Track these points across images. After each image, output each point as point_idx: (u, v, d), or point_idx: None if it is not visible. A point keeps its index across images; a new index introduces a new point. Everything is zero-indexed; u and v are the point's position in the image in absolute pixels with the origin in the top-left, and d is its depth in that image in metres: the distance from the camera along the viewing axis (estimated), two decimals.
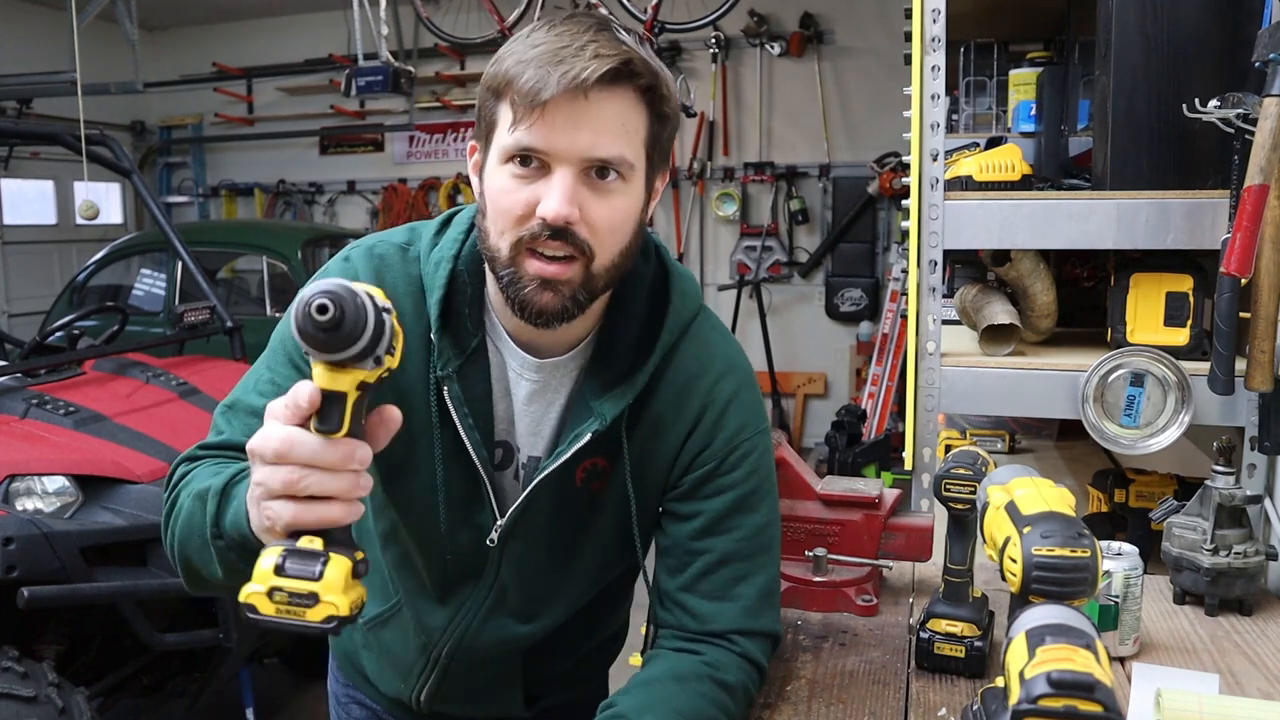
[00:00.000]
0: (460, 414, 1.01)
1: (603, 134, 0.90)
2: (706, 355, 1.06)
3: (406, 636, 1.16)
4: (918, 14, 1.55)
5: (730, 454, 1.05)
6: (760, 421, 1.09)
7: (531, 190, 0.91)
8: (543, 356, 1.04)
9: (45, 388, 2.84)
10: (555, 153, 0.90)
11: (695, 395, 1.05)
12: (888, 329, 5.38)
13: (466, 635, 1.12)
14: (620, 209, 0.94)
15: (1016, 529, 0.93)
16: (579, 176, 0.91)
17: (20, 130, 4.03)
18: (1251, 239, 1.28)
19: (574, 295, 0.94)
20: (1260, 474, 1.44)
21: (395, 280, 1.03)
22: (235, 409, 1.03)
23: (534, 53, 0.89)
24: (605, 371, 1.03)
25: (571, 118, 0.89)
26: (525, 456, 1.08)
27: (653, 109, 0.94)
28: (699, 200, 6.74)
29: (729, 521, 1.05)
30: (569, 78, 0.87)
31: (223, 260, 5.51)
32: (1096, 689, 0.72)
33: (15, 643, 2.26)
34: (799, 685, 1.16)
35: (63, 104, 4.15)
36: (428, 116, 7.01)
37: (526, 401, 1.06)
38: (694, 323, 1.07)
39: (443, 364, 1.01)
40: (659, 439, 1.05)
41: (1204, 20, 1.49)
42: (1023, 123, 2.30)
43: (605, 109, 0.90)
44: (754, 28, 6.33)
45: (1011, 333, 1.60)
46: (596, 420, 1.01)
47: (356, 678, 1.28)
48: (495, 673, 1.17)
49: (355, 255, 1.05)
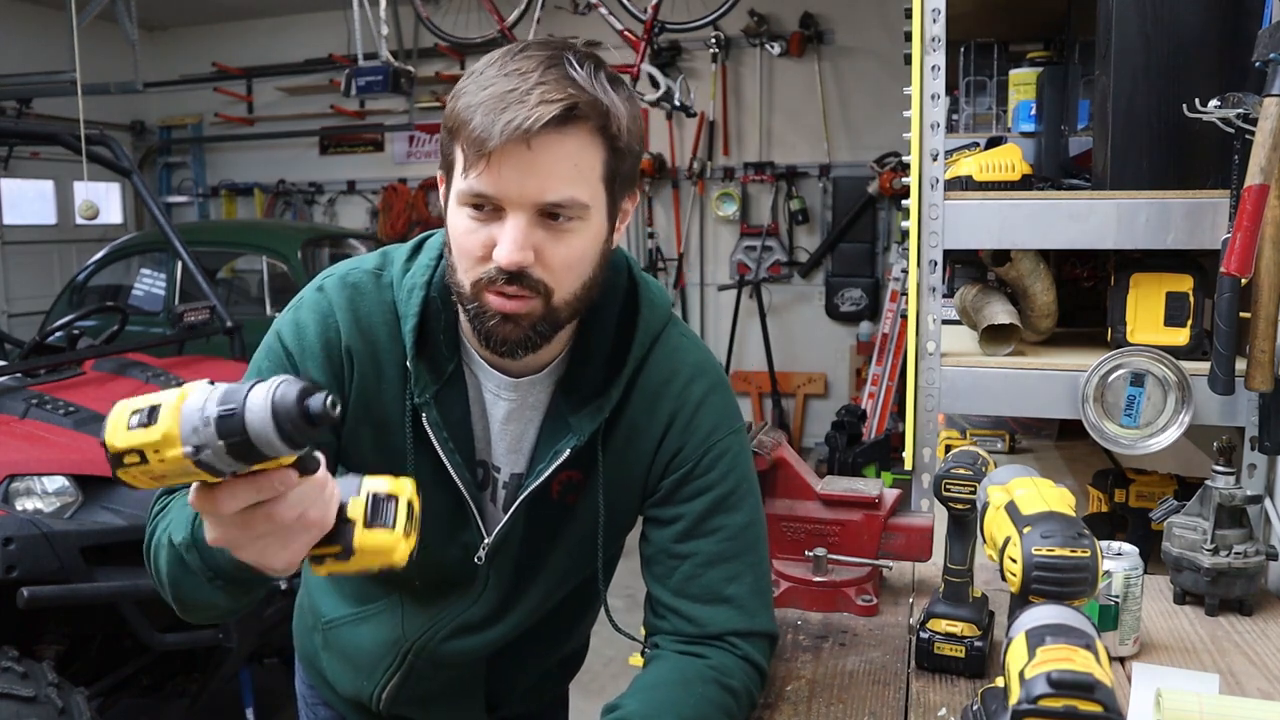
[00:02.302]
0: (440, 439, 1.02)
1: (551, 178, 0.90)
2: (676, 360, 1.07)
3: (372, 634, 1.16)
4: (918, 14, 1.55)
5: (705, 455, 1.05)
6: (734, 422, 1.09)
7: (488, 233, 0.92)
8: (518, 376, 1.05)
9: (45, 388, 2.84)
10: (505, 199, 0.90)
11: (666, 399, 1.06)
12: (888, 329, 5.38)
13: (436, 638, 1.13)
14: (577, 247, 0.94)
15: (1016, 529, 0.93)
16: (532, 220, 0.91)
17: (20, 130, 4.04)
18: (1251, 239, 1.28)
19: (534, 327, 0.95)
20: (1260, 474, 1.44)
21: (370, 309, 1.03)
22: None
23: (482, 96, 0.88)
24: (579, 388, 1.04)
25: (518, 166, 0.88)
26: (507, 475, 1.08)
27: (608, 144, 0.93)
28: (699, 200, 6.73)
29: (710, 523, 1.05)
30: (512, 127, 0.86)
31: (223, 260, 5.51)
32: (1096, 689, 0.72)
33: (15, 643, 2.26)
34: (799, 685, 1.16)
35: (63, 104, 4.15)
36: (428, 116, 7.01)
37: (504, 421, 1.06)
38: (663, 332, 1.08)
39: (419, 390, 1.01)
40: (633, 446, 1.06)
41: (1204, 20, 1.49)
42: (1023, 123, 2.30)
43: (554, 153, 0.89)
44: (754, 28, 6.33)
45: (1011, 333, 1.60)
46: (574, 436, 1.02)
47: (317, 680, 1.28)
48: (458, 677, 1.17)
49: (329, 285, 1.05)
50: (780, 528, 1.39)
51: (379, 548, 0.76)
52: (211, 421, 0.66)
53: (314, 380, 0.83)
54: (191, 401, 0.67)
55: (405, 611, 1.14)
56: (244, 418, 0.66)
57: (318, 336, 1.01)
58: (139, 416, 0.68)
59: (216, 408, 0.66)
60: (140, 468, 0.68)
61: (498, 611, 1.12)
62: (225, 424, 0.66)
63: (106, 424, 0.69)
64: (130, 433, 0.68)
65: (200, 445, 0.66)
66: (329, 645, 1.22)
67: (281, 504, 0.72)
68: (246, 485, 0.70)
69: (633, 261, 1.10)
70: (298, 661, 1.35)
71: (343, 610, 1.19)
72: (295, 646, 1.34)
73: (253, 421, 0.66)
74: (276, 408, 0.66)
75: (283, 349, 1.02)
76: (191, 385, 0.69)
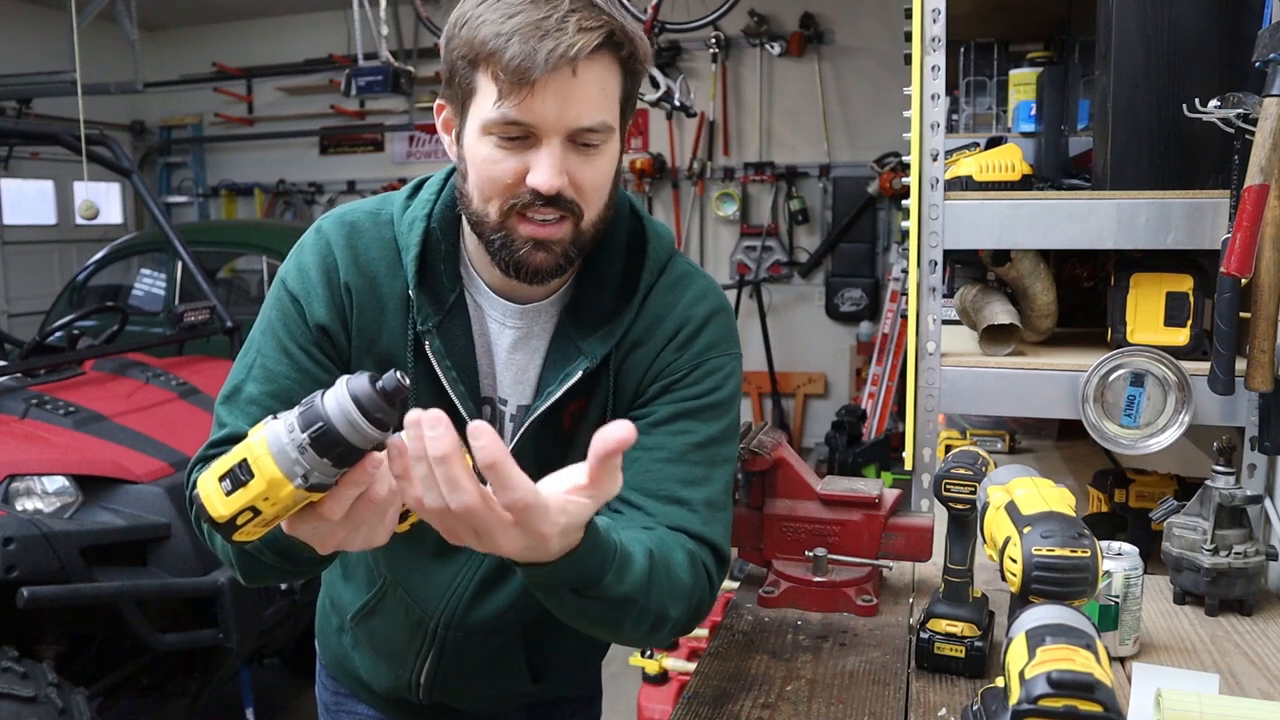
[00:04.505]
0: (443, 367, 1.02)
1: (588, 103, 0.92)
2: (683, 285, 1.09)
3: (397, 618, 1.15)
4: (918, 14, 1.55)
5: (696, 368, 1.05)
6: (732, 345, 1.09)
7: (520, 160, 0.93)
8: (524, 303, 1.06)
9: (45, 388, 2.84)
10: (544, 126, 0.91)
11: (670, 319, 1.06)
12: (888, 329, 5.38)
13: (462, 602, 1.12)
14: (603, 169, 0.97)
15: (1016, 529, 0.93)
16: (565, 145, 0.93)
17: (20, 130, 4.04)
18: (1251, 239, 1.28)
19: (565, 253, 0.97)
20: (1260, 474, 1.44)
21: (368, 245, 1.04)
22: (235, 400, 1.03)
23: (512, 23, 0.88)
24: (590, 313, 1.05)
25: (560, 93, 0.90)
26: (514, 407, 1.08)
27: (626, 69, 0.96)
28: (699, 200, 6.74)
29: (680, 424, 1.04)
30: (558, 55, 0.87)
31: (223, 260, 5.51)
32: (1096, 689, 0.72)
33: (15, 643, 2.26)
34: (799, 685, 1.16)
35: (63, 104, 4.16)
36: (428, 116, 6.97)
37: (511, 350, 1.07)
38: (670, 260, 1.10)
39: (422, 319, 1.02)
40: (635, 365, 1.06)
41: (1204, 20, 1.49)
42: (1023, 123, 2.30)
43: (589, 79, 0.91)
44: (754, 28, 6.33)
45: (1011, 333, 1.60)
46: (585, 359, 1.02)
47: (350, 682, 1.27)
48: (496, 645, 1.15)
49: (327, 225, 1.07)
50: (780, 528, 1.39)
51: None
52: (307, 446, 0.68)
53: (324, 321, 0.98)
54: (273, 439, 0.69)
55: (413, 585, 1.13)
56: (334, 426, 0.68)
57: (319, 277, 1.03)
58: (229, 479, 0.70)
59: (304, 432, 0.68)
60: (255, 521, 0.71)
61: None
62: (322, 440, 0.68)
63: (201, 502, 0.71)
64: (232, 497, 0.70)
65: (307, 471, 0.69)
66: (359, 643, 1.21)
67: (377, 485, 0.74)
68: (347, 485, 0.72)
69: (634, 199, 1.12)
70: (320, 666, 1.33)
71: (364, 596, 1.18)
72: (320, 653, 1.33)
73: (343, 425, 0.68)
74: (359, 401, 0.68)
75: (289, 295, 1.04)
76: (259, 429, 0.71)
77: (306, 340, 1.02)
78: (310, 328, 1.02)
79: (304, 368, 1.02)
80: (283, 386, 1.01)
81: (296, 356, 1.02)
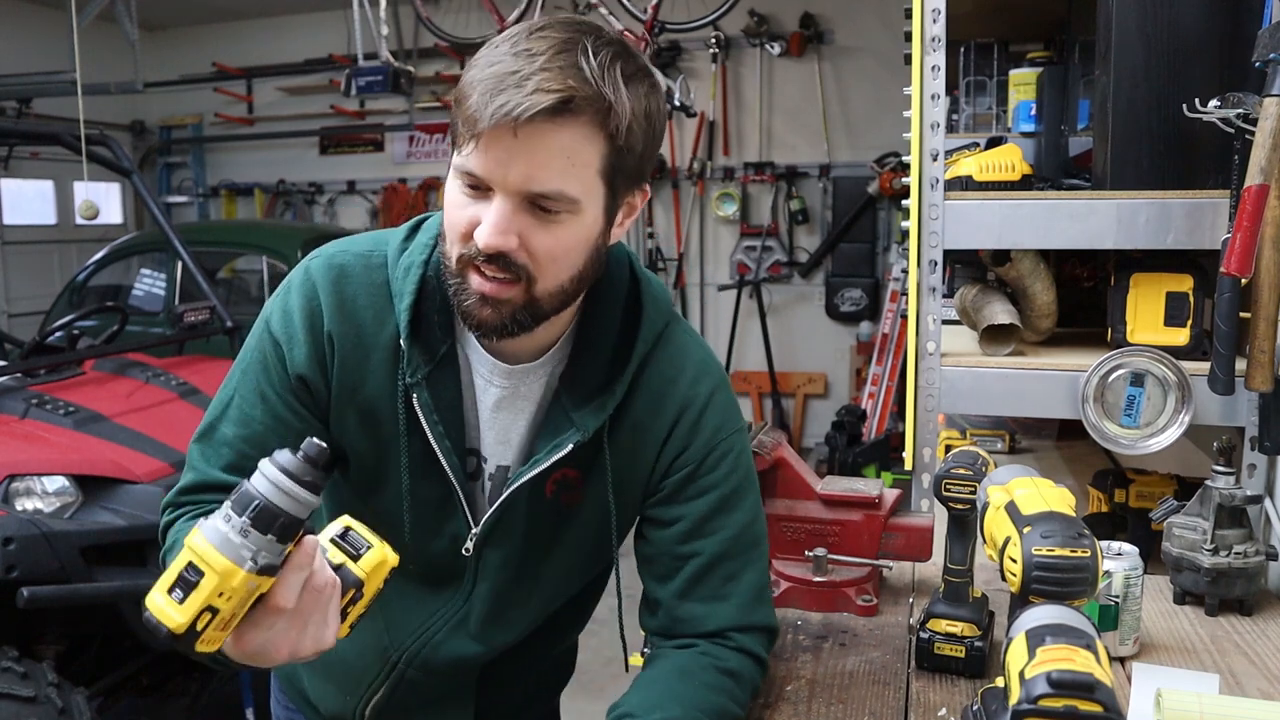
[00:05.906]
0: (430, 421, 1.00)
1: (540, 168, 0.87)
2: (681, 359, 1.06)
3: (359, 644, 1.12)
4: (918, 14, 1.55)
5: (709, 454, 1.05)
6: (736, 421, 1.09)
7: (475, 210, 0.90)
8: (512, 363, 1.03)
9: (45, 388, 2.84)
10: (491, 181, 0.89)
11: (672, 399, 1.05)
12: (888, 329, 5.38)
13: (431, 642, 1.11)
14: (564, 239, 0.92)
15: (1016, 529, 0.93)
16: (518, 205, 0.89)
17: (20, 130, 4.04)
18: (1251, 239, 1.28)
19: (514, 315, 0.93)
20: (1260, 474, 1.44)
21: (355, 292, 1.02)
22: (209, 440, 1.02)
23: (487, 73, 0.86)
24: (582, 383, 1.02)
25: (505, 151, 0.86)
26: (493, 466, 1.07)
27: (609, 139, 0.89)
28: (699, 200, 6.73)
29: (714, 523, 1.05)
30: (502, 112, 0.84)
31: (223, 260, 5.50)
32: (1096, 689, 0.72)
33: (15, 643, 2.26)
34: (799, 685, 1.16)
35: (63, 104, 4.15)
36: (428, 116, 7.01)
37: (494, 409, 1.05)
38: (666, 329, 1.07)
39: (412, 371, 0.99)
40: (637, 446, 1.05)
41: (1204, 20, 1.49)
42: (1023, 123, 2.30)
43: (544, 143, 0.86)
44: (754, 28, 6.33)
45: (1011, 333, 1.60)
46: (578, 432, 1.00)
47: (298, 700, 1.25)
48: (450, 686, 1.15)
49: (315, 268, 1.03)
50: (780, 528, 1.39)
51: (377, 563, 0.82)
52: (248, 528, 0.71)
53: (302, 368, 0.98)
54: (212, 533, 0.71)
55: (393, 615, 1.12)
56: (270, 500, 0.71)
57: (302, 322, 1.00)
58: (179, 588, 0.71)
59: (242, 515, 0.71)
60: (213, 624, 0.72)
61: (495, 613, 1.10)
62: (261, 518, 0.71)
63: (154, 620, 0.72)
64: (186, 604, 0.71)
65: (255, 553, 0.71)
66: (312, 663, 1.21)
67: (319, 572, 0.76)
68: (293, 570, 0.75)
69: (634, 257, 1.09)
70: (274, 682, 1.32)
71: None
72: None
73: (277, 497, 0.72)
74: (287, 470, 0.72)
75: (271, 339, 1.02)
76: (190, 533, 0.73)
77: (284, 388, 1.01)
78: (290, 375, 1.00)
79: (279, 414, 1.00)
80: (255, 432, 1.00)
81: (272, 402, 1.00)
